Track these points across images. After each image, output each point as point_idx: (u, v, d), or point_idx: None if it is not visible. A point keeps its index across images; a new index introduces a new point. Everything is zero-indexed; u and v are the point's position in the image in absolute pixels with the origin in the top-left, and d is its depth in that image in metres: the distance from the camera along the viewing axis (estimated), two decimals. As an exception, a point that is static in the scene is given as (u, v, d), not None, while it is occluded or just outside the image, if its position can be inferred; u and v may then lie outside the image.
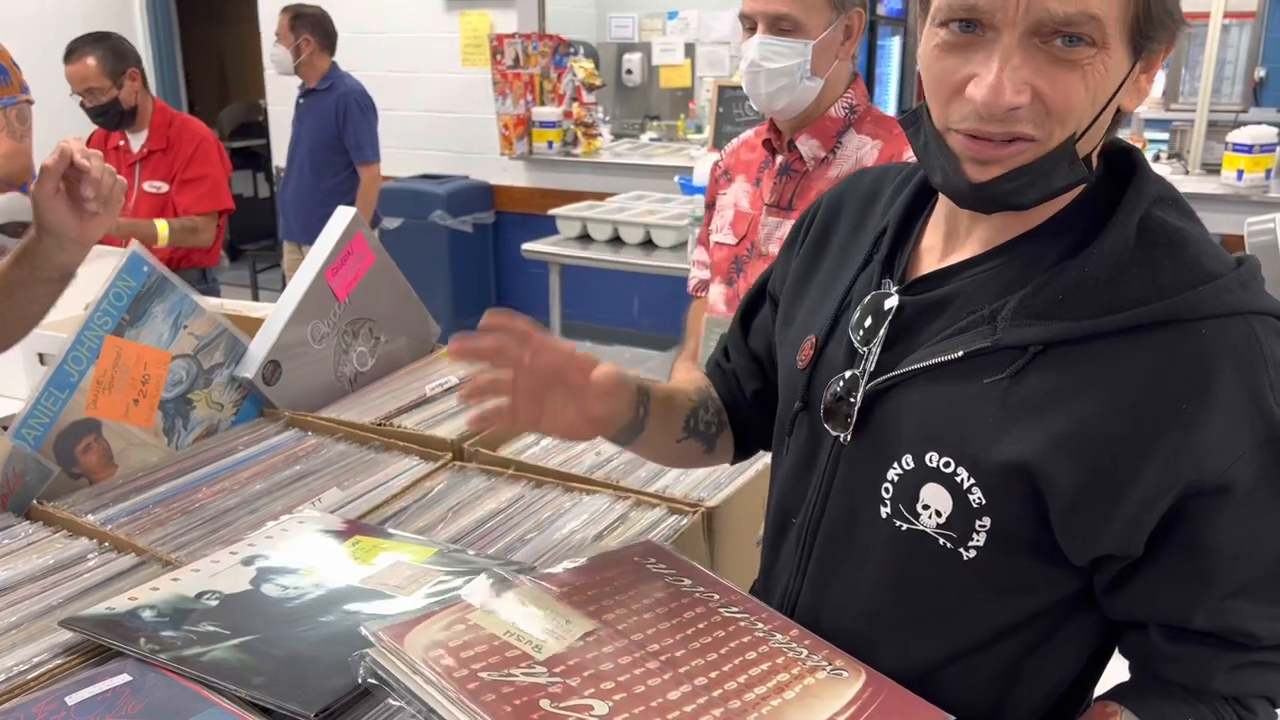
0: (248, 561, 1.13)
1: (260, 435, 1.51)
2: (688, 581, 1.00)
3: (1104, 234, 0.82)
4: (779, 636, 0.92)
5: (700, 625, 0.92)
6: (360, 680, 0.85)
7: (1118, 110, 0.83)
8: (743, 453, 1.21)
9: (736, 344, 1.19)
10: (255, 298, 6.23)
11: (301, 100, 4.50)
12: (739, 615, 0.95)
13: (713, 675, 0.85)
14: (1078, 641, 0.90)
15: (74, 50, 3.17)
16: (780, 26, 1.72)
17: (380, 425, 1.52)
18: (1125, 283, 0.80)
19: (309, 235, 4.22)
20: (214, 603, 1.05)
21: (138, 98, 3.22)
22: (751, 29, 1.75)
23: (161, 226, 3.19)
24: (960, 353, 0.85)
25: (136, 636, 0.98)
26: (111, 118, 3.22)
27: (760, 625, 0.94)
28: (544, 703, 0.79)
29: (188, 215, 3.26)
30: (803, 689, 0.85)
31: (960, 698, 0.90)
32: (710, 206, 2.03)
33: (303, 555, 1.15)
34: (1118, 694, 0.88)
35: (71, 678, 0.95)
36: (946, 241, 0.93)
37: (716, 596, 0.98)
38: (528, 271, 5.27)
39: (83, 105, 3.21)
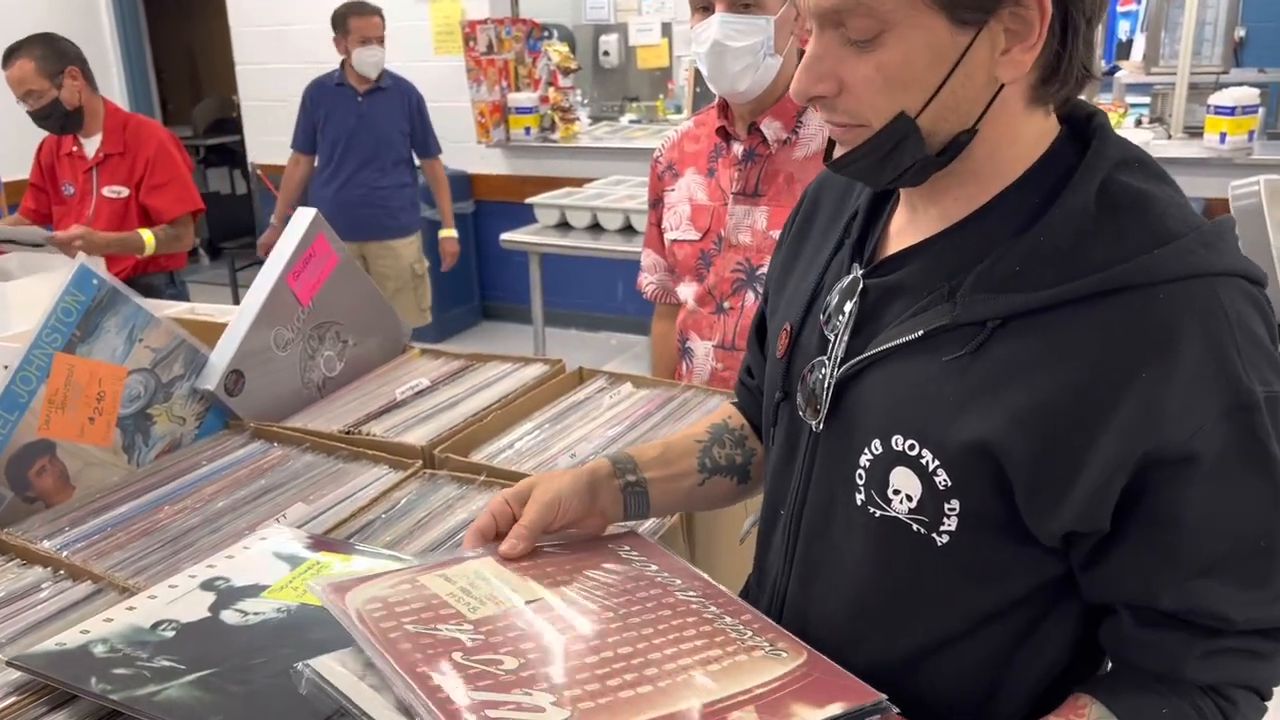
0: (207, 585, 1.08)
1: (224, 449, 1.46)
2: (654, 568, 0.99)
3: (1059, 201, 0.81)
4: (728, 619, 0.91)
5: (649, 604, 0.92)
6: (302, 690, 0.84)
7: (1004, 85, 0.80)
8: None
9: (755, 358, 1.16)
10: (235, 296, 6.16)
11: (361, 99, 4.25)
12: (694, 599, 0.94)
13: (640, 646, 0.85)
14: (1065, 629, 0.88)
15: (10, 53, 3.08)
16: (742, 2, 1.66)
17: (348, 434, 1.47)
18: (1087, 249, 0.78)
19: (365, 234, 4.22)
20: (170, 634, 1.00)
21: (81, 97, 3.11)
22: (704, 9, 1.70)
23: (148, 237, 3.12)
24: (920, 332, 0.84)
25: (88, 676, 0.93)
26: (55, 120, 3.11)
27: (713, 609, 0.93)
28: (456, 654, 0.80)
29: (163, 221, 3.18)
30: (731, 664, 0.84)
31: (950, 687, 0.89)
32: (656, 205, 1.97)
33: (265, 576, 1.10)
34: (1092, 686, 0.86)
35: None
36: (910, 222, 0.92)
37: (679, 582, 0.97)
38: (510, 260, 5.23)
39: (27, 111, 3.12)
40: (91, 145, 3.18)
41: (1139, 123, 4.66)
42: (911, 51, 0.77)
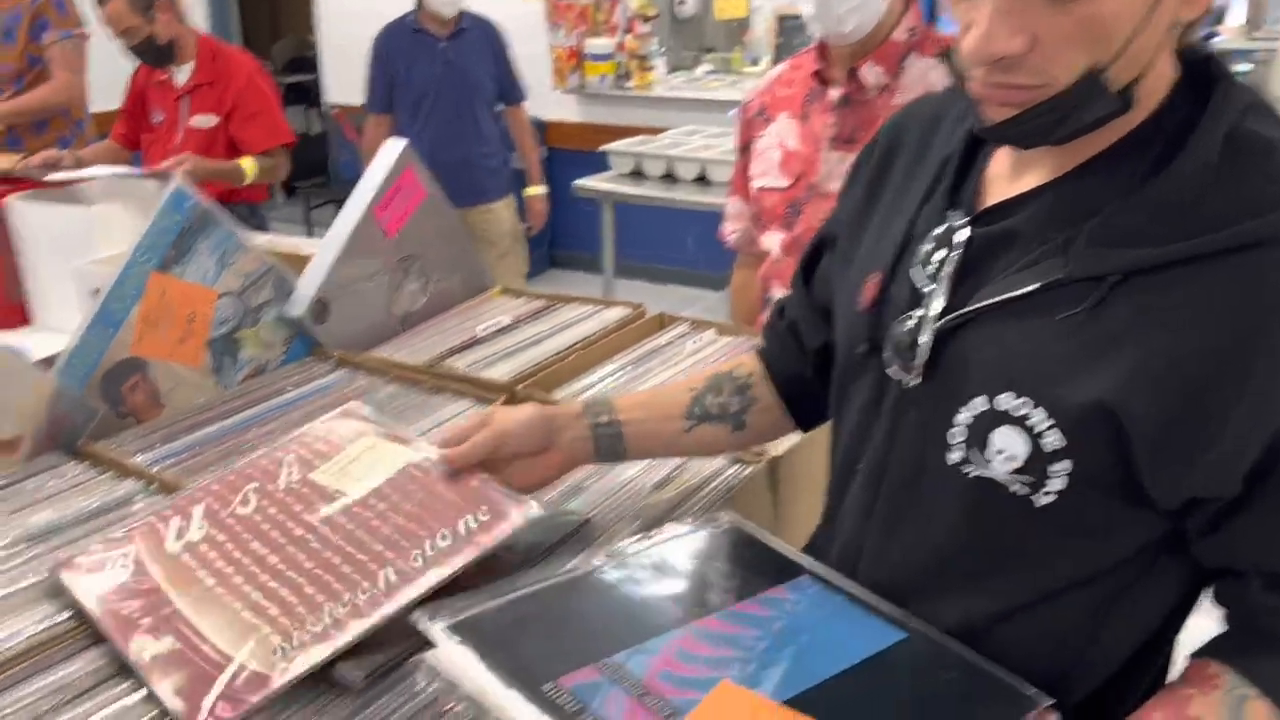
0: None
1: (309, 375, 1.47)
2: (468, 516, 0.96)
3: (1186, 150, 0.75)
4: (389, 572, 0.92)
5: (374, 532, 0.96)
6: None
7: (1188, 24, 0.75)
8: (814, 417, 1.15)
9: (799, 298, 1.12)
10: (309, 234, 6.22)
11: (444, 44, 3.76)
12: (423, 545, 0.95)
13: (304, 562, 0.94)
14: (1161, 589, 0.85)
15: None
16: None
17: (432, 367, 1.47)
18: (1211, 203, 0.73)
19: (468, 198, 3.65)
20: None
21: (173, 29, 3.14)
22: None
23: (250, 167, 3.12)
24: (1034, 286, 0.79)
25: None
26: (151, 55, 3.13)
27: (417, 562, 0.92)
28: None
29: (252, 152, 3.19)
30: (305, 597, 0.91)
31: (1035, 646, 0.85)
32: (745, 150, 1.93)
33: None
34: (1217, 651, 0.82)
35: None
36: (1015, 168, 0.86)
37: (442, 530, 0.96)
38: (580, 209, 5.20)
39: (125, 47, 3.15)
40: (182, 74, 3.20)
41: (1238, 89, 4.48)
42: (1124, 1, 0.72)
